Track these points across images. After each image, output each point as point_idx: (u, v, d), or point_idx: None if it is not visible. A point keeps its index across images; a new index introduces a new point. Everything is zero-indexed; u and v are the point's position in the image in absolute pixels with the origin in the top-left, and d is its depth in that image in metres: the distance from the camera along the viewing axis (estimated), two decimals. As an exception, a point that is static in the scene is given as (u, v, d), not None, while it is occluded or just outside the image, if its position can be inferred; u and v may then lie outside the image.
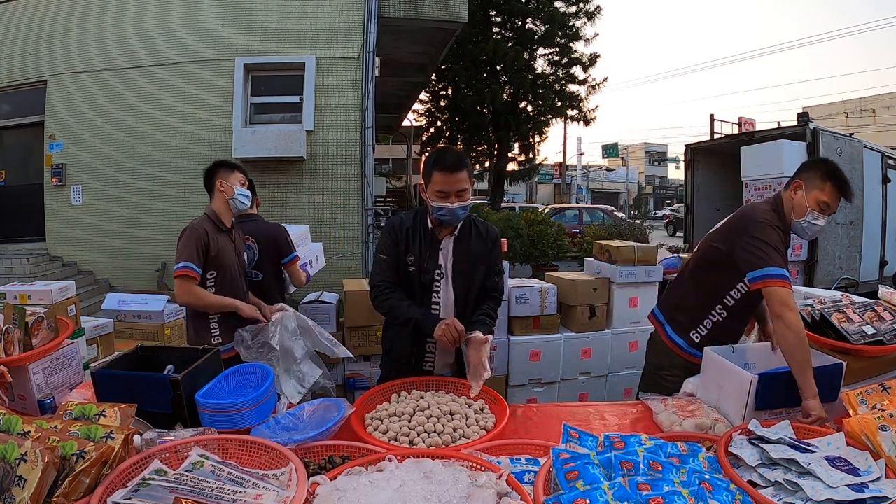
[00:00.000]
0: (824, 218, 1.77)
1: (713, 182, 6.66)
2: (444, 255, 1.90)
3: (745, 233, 1.75)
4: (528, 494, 1.06)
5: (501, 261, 2.04)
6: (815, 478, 1.10)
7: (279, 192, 6.87)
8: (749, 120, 11.07)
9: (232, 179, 2.31)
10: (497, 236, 2.00)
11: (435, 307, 1.90)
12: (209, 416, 1.40)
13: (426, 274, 1.88)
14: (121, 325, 3.11)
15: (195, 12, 6.98)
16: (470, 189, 1.83)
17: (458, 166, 1.77)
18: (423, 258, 1.88)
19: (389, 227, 1.94)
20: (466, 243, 1.91)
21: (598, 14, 14.13)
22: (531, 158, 15.85)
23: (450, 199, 1.77)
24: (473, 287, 1.93)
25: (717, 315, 1.93)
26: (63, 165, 7.12)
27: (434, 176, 1.78)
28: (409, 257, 1.89)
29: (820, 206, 1.75)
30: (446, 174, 1.76)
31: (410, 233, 1.90)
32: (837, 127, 10.87)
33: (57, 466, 0.97)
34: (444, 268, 1.90)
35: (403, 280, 1.91)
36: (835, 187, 1.74)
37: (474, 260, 1.92)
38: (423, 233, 1.90)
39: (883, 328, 1.68)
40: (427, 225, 1.90)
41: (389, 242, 1.91)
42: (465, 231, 1.92)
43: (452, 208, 1.78)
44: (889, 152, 6.17)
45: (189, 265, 2.12)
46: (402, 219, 1.94)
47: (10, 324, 1.46)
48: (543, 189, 34.24)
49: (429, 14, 7.39)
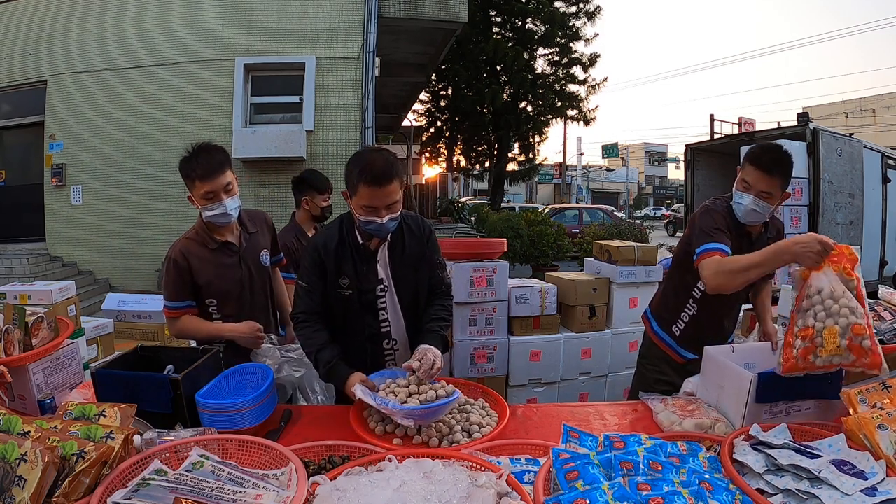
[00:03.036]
0: (748, 197, 1.79)
1: (713, 182, 6.66)
2: (383, 266, 1.71)
3: (694, 224, 1.86)
4: (528, 494, 1.06)
5: (439, 252, 1.84)
6: (829, 486, 1.09)
7: (279, 192, 6.87)
8: (749, 120, 11.08)
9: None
10: (430, 229, 1.81)
11: (385, 325, 1.75)
12: (209, 416, 1.40)
13: (366, 294, 1.70)
14: (121, 325, 3.10)
15: (195, 12, 6.99)
16: (401, 199, 1.61)
17: (388, 178, 1.53)
18: (360, 276, 1.69)
19: (313, 251, 1.70)
20: (401, 246, 1.73)
21: (598, 14, 14.17)
22: (531, 158, 15.87)
23: (379, 214, 1.56)
24: (420, 291, 1.78)
25: (691, 308, 2.02)
26: (63, 165, 7.12)
27: (360, 189, 1.54)
28: (342, 280, 1.68)
29: (743, 185, 1.81)
30: (373, 188, 1.53)
31: (339, 252, 1.68)
32: (837, 127, 10.88)
33: (57, 466, 0.97)
34: (385, 280, 1.72)
35: (336, 306, 1.71)
36: (751, 165, 1.79)
37: (414, 261, 1.75)
38: (355, 249, 1.69)
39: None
40: (357, 239, 1.68)
41: (312, 268, 1.69)
42: (397, 234, 1.72)
43: (382, 223, 1.57)
44: (889, 152, 6.18)
45: (171, 304, 1.86)
46: (326, 238, 1.71)
47: (10, 324, 1.46)
48: (543, 189, 34.25)
49: (429, 14, 7.40)
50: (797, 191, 4.78)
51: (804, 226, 4.84)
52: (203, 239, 1.88)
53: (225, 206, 1.81)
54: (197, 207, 1.85)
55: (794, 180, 4.74)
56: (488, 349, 3.23)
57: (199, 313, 1.91)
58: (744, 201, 1.81)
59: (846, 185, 5.16)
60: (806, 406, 1.48)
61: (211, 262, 1.87)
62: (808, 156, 4.83)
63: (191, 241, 1.88)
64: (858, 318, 1.29)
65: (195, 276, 1.85)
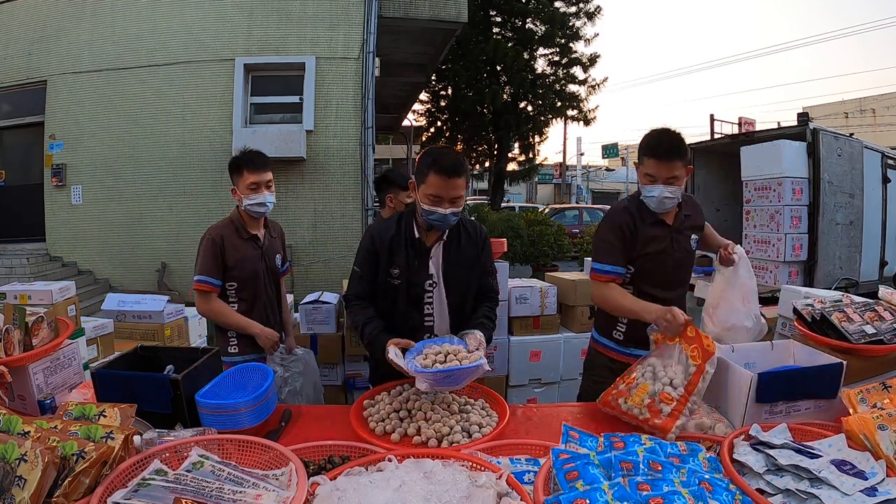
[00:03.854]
0: (657, 188, 1.80)
1: (713, 182, 6.65)
2: (435, 263, 1.78)
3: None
4: (528, 494, 1.06)
5: (493, 260, 1.94)
6: (829, 486, 1.09)
7: (279, 192, 6.77)
8: (749, 120, 11.06)
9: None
10: (486, 235, 1.90)
11: (428, 319, 1.80)
12: (209, 416, 1.40)
13: (415, 287, 1.76)
14: (121, 325, 3.11)
15: (195, 12, 6.98)
16: (464, 197, 1.71)
17: (457, 171, 1.64)
18: (412, 269, 1.75)
19: (368, 239, 1.80)
20: (456, 247, 1.79)
21: (598, 14, 14.16)
22: (531, 158, 15.86)
23: (443, 205, 1.65)
24: (469, 293, 1.84)
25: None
26: (63, 165, 7.12)
27: (430, 178, 1.64)
28: (393, 269, 1.76)
29: (648, 179, 1.82)
30: (443, 178, 1.63)
31: (394, 243, 1.76)
32: (837, 127, 10.87)
33: (57, 466, 0.97)
34: (435, 276, 1.78)
35: (386, 293, 1.78)
36: (650, 158, 1.80)
37: (467, 264, 1.81)
38: (410, 241, 1.76)
39: (883, 328, 1.68)
40: (413, 233, 1.76)
41: (367, 255, 1.78)
42: (454, 234, 1.79)
43: (445, 214, 1.65)
44: (889, 152, 6.17)
45: (204, 278, 2.04)
46: (383, 227, 1.80)
47: (10, 324, 1.46)
48: (543, 189, 34.22)
49: (429, 14, 7.40)
50: (797, 191, 4.77)
51: (804, 226, 4.84)
52: (237, 228, 2.14)
53: (265, 197, 2.12)
54: (237, 199, 2.13)
55: (794, 180, 4.73)
56: (488, 349, 3.23)
57: (219, 296, 2.11)
58: (654, 193, 1.81)
59: (846, 185, 5.15)
60: (806, 406, 1.48)
61: (241, 249, 2.11)
62: (808, 156, 4.82)
63: (226, 227, 2.12)
64: (673, 391, 1.46)
65: (226, 257, 2.07)
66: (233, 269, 2.09)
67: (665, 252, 1.90)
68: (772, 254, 4.85)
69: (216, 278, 2.06)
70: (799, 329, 1.81)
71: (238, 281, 2.12)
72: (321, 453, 1.30)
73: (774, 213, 4.77)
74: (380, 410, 1.58)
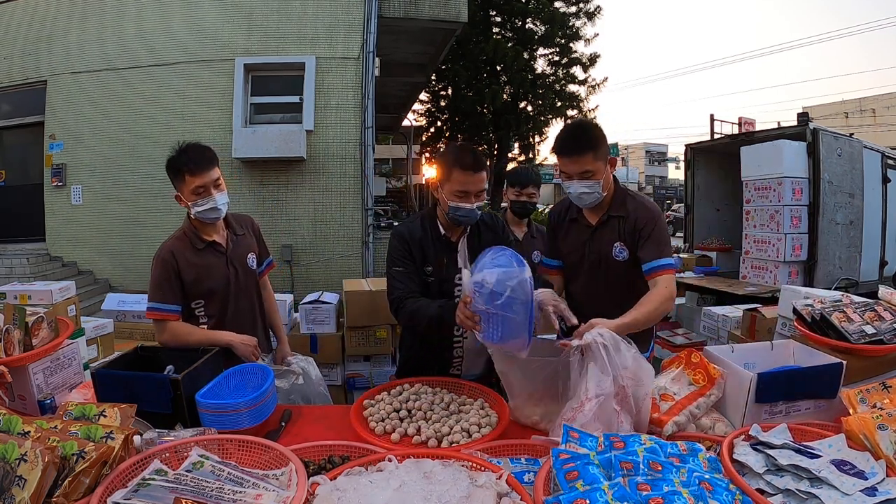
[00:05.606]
0: (572, 185, 1.73)
1: (713, 182, 6.64)
2: (462, 257, 1.85)
3: None
4: (528, 494, 1.06)
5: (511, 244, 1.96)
6: (829, 485, 1.09)
7: (279, 192, 6.88)
8: (749, 120, 11.04)
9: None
10: (503, 222, 1.99)
11: None
12: (209, 416, 1.40)
13: (445, 282, 1.82)
14: (121, 325, 3.11)
15: (195, 12, 6.98)
16: (485, 190, 1.77)
17: (480, 166, 1.72)
18: (442, 266, 1.82)
19: (399, 239, 1.83)
20: (478, 238, 1.87)
21: (598, 14, 14.14)
22: (531, 158, 15.84)
23: (469, 199, 1.72)
24: None
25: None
26: (63, 165, 7.12)
27: (454, 174, 1.71)
28: (427, 268, 1.82)
29: (564, 176, 1.75)
30: (468, 174, 1.70)
31: (424, 243, 1.82)
32: (837, 127, 10.87)
33: (57, 466, 0.97)
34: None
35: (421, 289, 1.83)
36: (559, 157, 1.74)
37: None
38: (437, 239, 1.83)
39: (883, 328, 1.68)
40: (439, 230, 1.84)
41: (403, 253, 1.81)
42: (474, 226, 1.87)
43: (472, 208, 1.73)
44: (889, 152, 6.16)
45: (156, 306, 1.82)
46: (410, 228, 1.85)
47: (10, 324, 1.46)
48: (543, 189, 34.20)
49: (429, 14, 7.39)
50: (797, 191, 4.76)
51: (804, 226, 4.83)
52: (190, 239, 1.88)
53: (215, 200, 1.82)
54: (185, 207, 1.85)
55: (794, 180, 4.73)
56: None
57: (187, 318, 1.87)
58: (571, 189, 1.75)
59: (846, 185, 5.15)
60: (806, 406, 1.48)
61: (198, 261, 1.86)
62: (808, 156, 4.81)
63: (178, 241, 1.88)
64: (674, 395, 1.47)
65: (182, 274, 1.83)
66: (194, 286, 1.85)
67: (578, 254, 1.85)
68: (772, 254, 4.85)
69: (172, 303, 1.82)
70: (799, 329, 1.80)
71: (204, 297, 1.88)
72: (321, 453, 1.30)
73: (774, 213, 4.77)
74: (380, 410, 1.58)
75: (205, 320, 1.90)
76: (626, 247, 1.77)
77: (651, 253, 1.70)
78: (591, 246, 1.81)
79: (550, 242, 1.99)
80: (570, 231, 1.88)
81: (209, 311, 1.90)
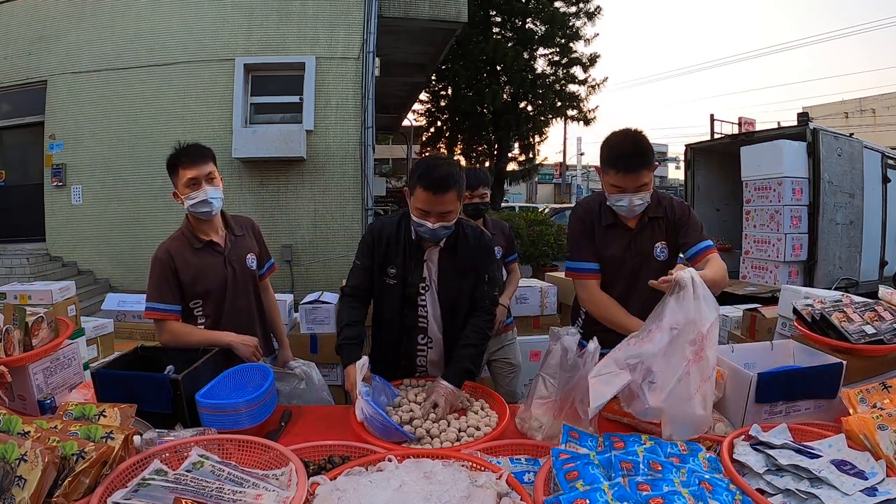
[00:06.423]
0: (625, 198, 1.70)
1: (713, 182, 6.66)
2: (429, 268, 1.76)
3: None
4: (528, 494, 1.06)
5: (493, 267, 1.86)
6: (829, 485, 1.09)
7: (279, 192, 6.88)
8: (749, 120, 11.05)
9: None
10: (488, 244, 1.83)
11: (422, 320, 1.79)
12: (209, 416, 1.40)
13: (409, 287, 1.75)
14: (121, 325, 3.10)
15: (195, 12, 6.98)
16: (457, 210, 1.65)
17: (445, 187, 1.57)
18: (407, 270, 1.74)
19: (369, 233, 1.80)
20: (452, 254, 1.76)
21: (598, 14, 14.15)
22: (531, 158, 15.85)
23: (430, 219, 1.61)
24: (461, 298, 1.79)
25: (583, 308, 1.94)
26: (63, 165, 7.12)
27: (417, 191, 1.60)
28: (390, 269, 1.75)
29: (616, 189, 1.71)
30: (429, 193, 1.57)
31: (392, 242, 1.75)
32: (837, 127, 10.86)
33: (57, 466, 0.97)
34: (428, 280, 1.76)
35: (382, 291, 1.78)
36: (616, 172, 1.68)
37: (461, 271, 1.77)
38: (407, 243, 1.74)
39: (883, 328, 1.68)
40: (412, 235, 1.74)
41: (365, 249, 1.77)
42: (452, 241, 1.75)
43: (433, 229, 1.61)
44: (889, 152, 6.17)
45: (154, 306, 1.81)
46: (384, 225, 1.78)
47: (10, 324, 1.46)
48: (543, 189, 34.21)
49: (429, 14, 7.40)
50: (797, 191, 4.77)
51: (804, 225, 4.84)
52: (188, 239, 1.88)
53: (206, 193, 1.82)
54: (181, 203, 1.86)
55: (794, 180, 4.73)
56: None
57: (186, 318, 1.87)
58: (623, 202, 1.71)
59: (846, 185, 5.15)
60: (806, 406, 1.48)
61: (195, 261, 1.86)
62: (808, 156, 4.82)
63: (175, 241, 1.88)
64: None
65: (180, 274, 1.83)
66: (191, 286, 1.85)
67: (619, 257, 1.81)
68: (772, 254, 4.85)
69: (171, 303, 1.82)
70: (799, 329, 1.80)
71: (202, 297, 1.87)
72: (321, 453, 1.30)
73: (774, 213, 4.77)
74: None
75: (202, 320, 1.90)
76: (667, 246, 1.82)
77: (694, 237, 1.78)
78: (634, 248, 1.81)
79: (589, 246, 1.83)
80: (608, 235, 1.82)
81: (206, 310, 1.90)
